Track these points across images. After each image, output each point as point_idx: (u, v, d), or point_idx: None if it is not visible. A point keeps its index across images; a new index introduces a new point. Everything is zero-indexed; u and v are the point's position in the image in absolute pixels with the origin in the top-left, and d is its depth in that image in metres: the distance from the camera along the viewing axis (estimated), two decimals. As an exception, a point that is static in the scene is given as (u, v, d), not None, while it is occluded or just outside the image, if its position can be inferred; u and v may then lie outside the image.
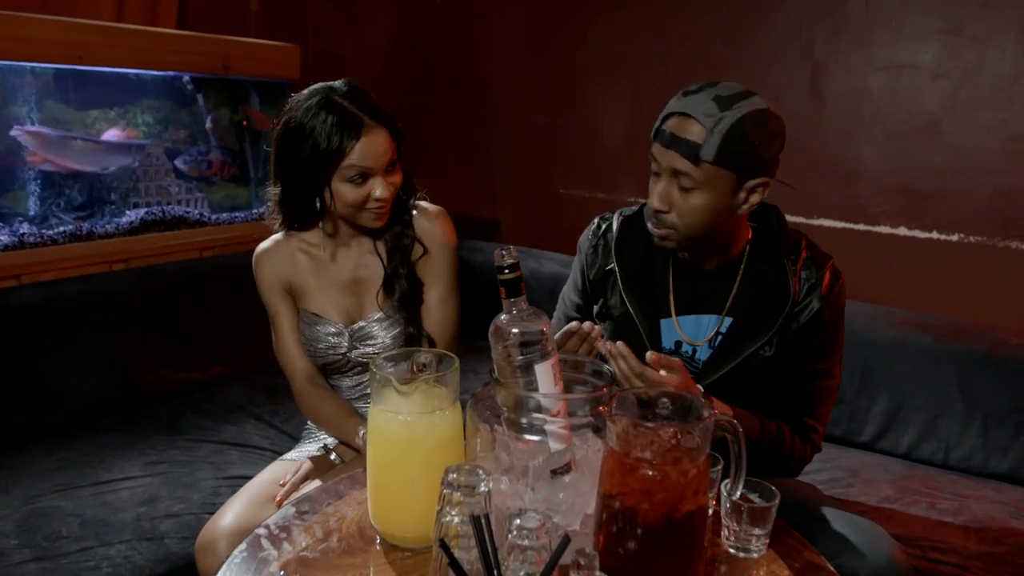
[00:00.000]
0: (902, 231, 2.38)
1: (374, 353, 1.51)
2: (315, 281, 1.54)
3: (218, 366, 2.31)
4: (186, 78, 2.48)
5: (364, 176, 1.41)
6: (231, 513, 1.41)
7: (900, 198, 2.35)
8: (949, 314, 2.18)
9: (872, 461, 2.01)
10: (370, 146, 1.39)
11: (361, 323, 1.53)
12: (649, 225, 1.32)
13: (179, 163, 2.49)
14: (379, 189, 1.41)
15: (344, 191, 1.41)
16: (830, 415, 1.35)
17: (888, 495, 1.82)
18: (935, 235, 2.33)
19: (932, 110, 2.27)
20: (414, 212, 1.55)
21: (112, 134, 2.30)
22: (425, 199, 1.60)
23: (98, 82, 2.24)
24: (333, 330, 1.53)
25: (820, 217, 2.51)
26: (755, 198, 1.24)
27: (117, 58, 2.23)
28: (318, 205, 1.46)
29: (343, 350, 1.53)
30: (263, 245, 1.57)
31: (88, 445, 1.84)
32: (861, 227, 2.45)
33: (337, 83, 1.45)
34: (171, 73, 2.43)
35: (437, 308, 1.56)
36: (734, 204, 1.24)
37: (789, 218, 2.47)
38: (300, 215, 1.52)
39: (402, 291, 1.50)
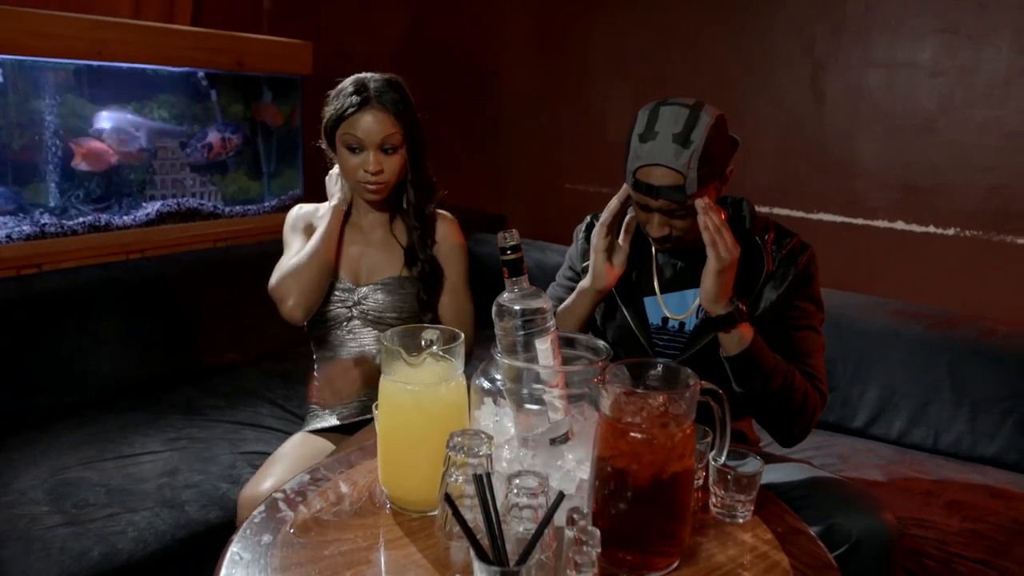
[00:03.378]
0: (899, 225, 2.44)
1: (375, 312, 1.68)
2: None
3: (232, 352, 2.39)
4: (201, 74, 2.55)
5: (359, 147, 1.59)
6: (272, 477, 1.53)
7: (898, 193, 2.41)
8: (944, 306, 2.23)
9: (863, 447, 2.07)
10: (366, 121, 1.58)
11: (368, 286, 1.70)
12: (650, 239, 1.42)
13: (185, 157, 2.56)
14: (370, 163, 1.59)
15: (343, 155, 1.62)
16: (824, 370, 1.41)
17: (876, 479, 1.88)
18: (932, 229, 2.38)
19: (929, 107, 2.32)
20: (435, 219, 1.74)
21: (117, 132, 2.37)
22: (443, 207, 1.77)
23: (116, 78, 2.32)
24: (342, 286, 1.69)
25: (819, 211, 2.57)
26: (728, 179, 1.37)
27: (135, 54, 2.29)
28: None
29: (349, 304, 1.69)
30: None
31: (110, 423, 1.92)
32: (859, 221, 2.50)
33: (381, 74, 1.65)
34: (187, 69, 2.50)
35: (450, 298, 1.72)
36: (717, 198, 1.37)
37: (789, 212, 2.58)
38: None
39: (422, 267, 1.69)
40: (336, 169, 1.72)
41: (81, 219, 2.26)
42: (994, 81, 2.22)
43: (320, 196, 1.80)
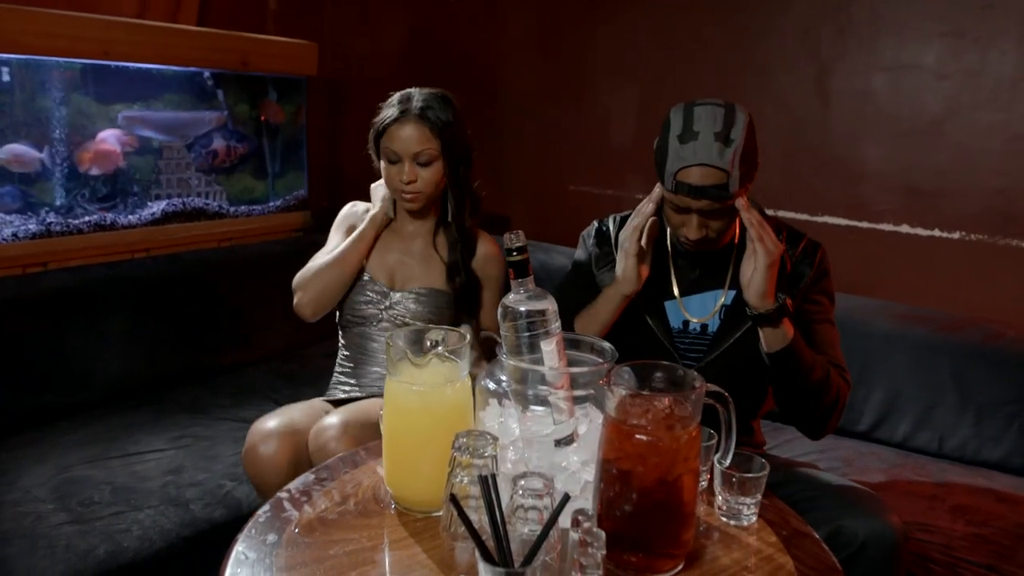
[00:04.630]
0: (904, 229, 2.43)
1: (404, 318, 1.76)
2: (374, 244, 1.80)
3: (237, 352, 2.39)
4: (206, 74, 2.56)
5: (395, 158, 1.68)
6: (276, 417, 1.64)
7: (903, 196, 2.40)
8: (950, 310, 2.23)
9: (867, 450, 2.07)
10: (402, 133, 1.66)
11: (402, 292, 1.77)
12: (682, 244, 1.42)
13: (191, 157, 2.57)
14: (404, 174, 1.67)
15: (384, 166, 1.71)
16: (844, 360, 1.42)
17: (880, 482, 1.87)
18: (937, 233, 2.38)
19: (935, 111, 2.32)
20: (477, 235, 1.83)
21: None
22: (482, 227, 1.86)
23: (122, 77, 2.32)
24: (377, 288, 1.77)
25: (824, 214, 2.56)
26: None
27: (141, 54, 2.30)
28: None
29: (381, 307, 1.77)
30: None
31: (116, 421, 1.93)
32: (864, 224, 2.50)
33: (430, 88, 1.73)
34: (192, 69, 2.51)
35: (491, 308, 1.81)
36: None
37: (794, 215, 2.58)
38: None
39: (462, 282, 1.78)
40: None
41: (87, 218, 2.27)
42: (1000, 84, 2.21)
43: (322, 195, 1.82)
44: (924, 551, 1.58)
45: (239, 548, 1.00)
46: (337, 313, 1.82)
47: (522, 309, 1.07)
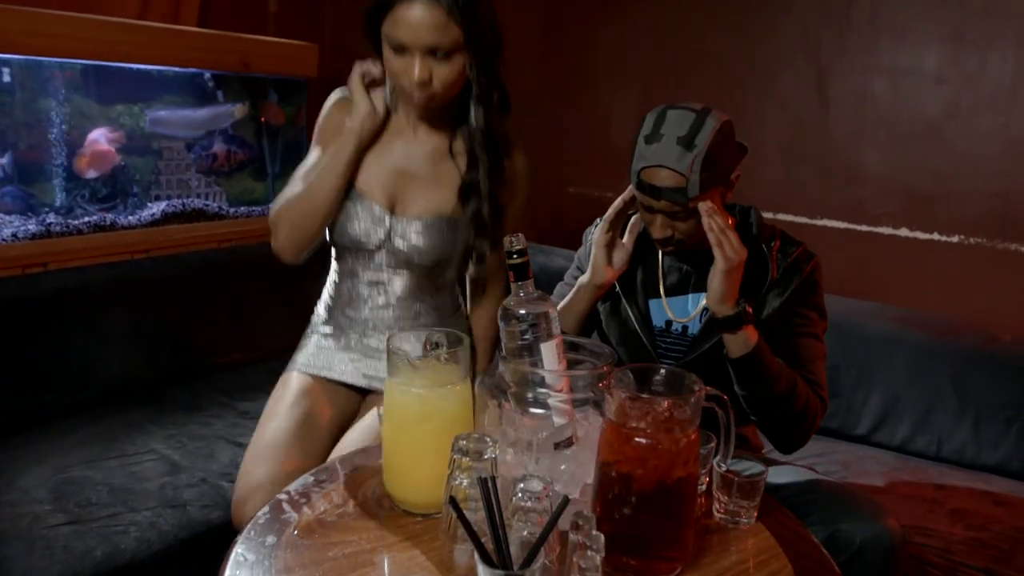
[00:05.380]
0: (903, 232, 2.44)
1: (406, 254, 1.43)
2: (369, 151, 1.44)
3: (236, 352, 2.39)
4: (207, 75, 2.56)
5: (402, 48, 1.30)
6: (264, 462, 1.40)
7: (902, 200, 2.41)
8: (948, 313, 2.23)
9: (865, 454, 2.07)
10: (411, 15, 1.26)
11: (404, 219, 1.42)
12: (652, 240, 1.42)
13: (191, 158, 2.57)
14: (415, 70, 1.29)
15: (388, 56, 1.33)
16: (825, 378, 1.42)
17: (878, 485, 1.88)
18: (936, 236, 2.38)
19: (934, 114, 2.32)
20: (511, 147, 1.46)
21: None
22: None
23: (122, 78, 2.32)
24: (374, 212, 1.43)
25: (823, 218, 2.57)
26: (734, 184, 1.39)
27: (141, 55, 2.30)
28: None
29: (379, 239, 1.44)
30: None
31: (114, 422, 1.92)
32: (863, 228, 2.50)
33: None
34: (192, 70, 2.51)
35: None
36: (723, 203, 1.38)
37: (793, 218, 2.58)
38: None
39: (480, 209, 1.40)
40: (365, 64, 1.40)
41: (87, 219, 2.27)
42: (1000, 88, 2.22)
43: None
44: (922, 555, 1.58)
45: (238, 550, 1.00)
46: (328, 231, 1.47)
47: (522, 312, 1.07)
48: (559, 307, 1.49)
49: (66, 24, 2.09)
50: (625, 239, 1.47)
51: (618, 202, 1.44)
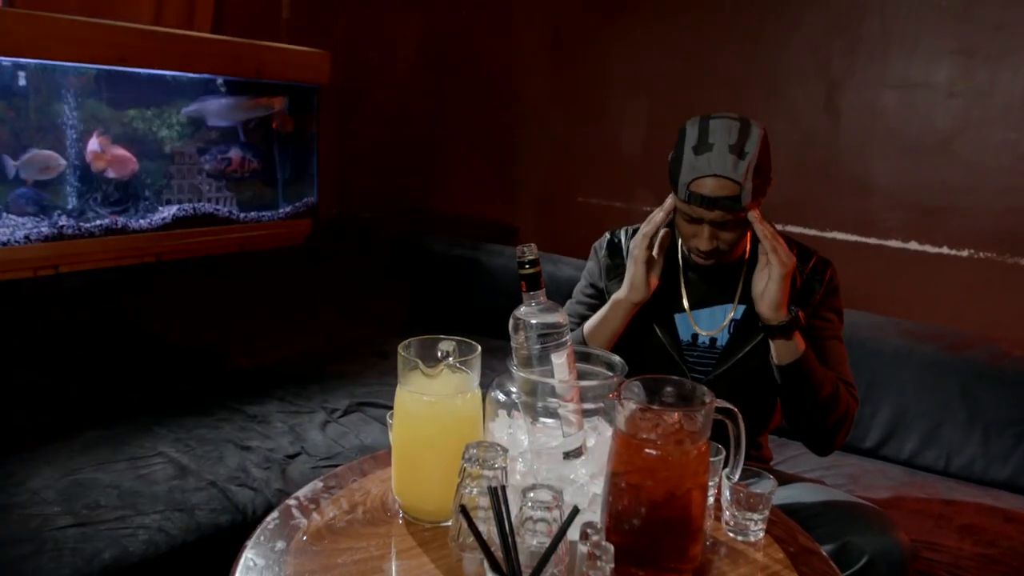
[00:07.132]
0: (913, 245, 2.43)
1: None
2: None
3: (244, 356, 2.41)
4: (220, 81, 2.58)
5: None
6: None
7: (911, 213, 2.41)
8: (957, 327, 2.22)
9: (873, 467, 2.06)
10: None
11: None
12: (693, 256, 1.43)
13: (202, 163, 2.59)
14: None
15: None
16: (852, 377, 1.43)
17: (886, 499, 1.87)
18: (945, 250, 2.38)
19: (944, 128, 2.32)
20: None
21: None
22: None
23: (137, 83, 2.34)
24: None
25: (832, 230, 2.57)
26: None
27: (156, 61, 2.32)
28: None
29: None
30: None
31: (123, 424, 1.93)
32: (873, 241, 2.50)
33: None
34: (206, 76, 2.53)
35: None
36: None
37: (803, 231, 2.58)
38: None
39: None
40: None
41: (98, 222, 2.28)
42: (1011, 103, 2.22)
43: (330, 203, 1.74)
44: (931, 570, 1.57)
45: (248, 555, 1.00)
46: None
47: (533, 322, 1.08)
48: (591, 325, 1.48)
49: (80, 29, 2.11)
50: (655, 254, 1.44)
51: (660, 216, 1.41)
